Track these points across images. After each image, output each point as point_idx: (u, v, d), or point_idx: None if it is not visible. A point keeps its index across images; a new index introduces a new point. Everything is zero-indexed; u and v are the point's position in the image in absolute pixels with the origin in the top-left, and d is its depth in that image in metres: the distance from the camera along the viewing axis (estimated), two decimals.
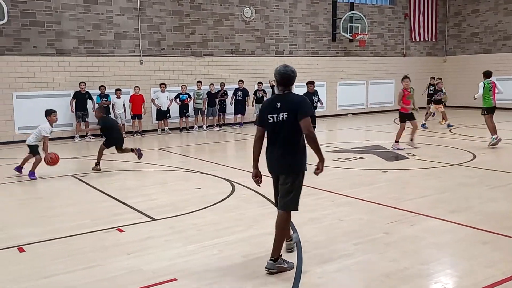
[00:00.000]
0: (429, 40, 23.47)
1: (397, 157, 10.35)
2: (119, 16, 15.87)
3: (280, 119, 4.41)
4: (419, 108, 12.30)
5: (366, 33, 20.25)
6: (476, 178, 8.19)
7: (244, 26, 18.33)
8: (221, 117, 17.65)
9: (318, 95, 13.49)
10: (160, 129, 16.35)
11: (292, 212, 4.64)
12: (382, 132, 15.50)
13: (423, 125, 15.23)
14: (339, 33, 20.10)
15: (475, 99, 12.28)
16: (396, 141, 11.34)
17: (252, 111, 17.99)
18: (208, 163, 10.39)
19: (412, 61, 22.89)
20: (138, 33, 16.19)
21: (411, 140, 11.44)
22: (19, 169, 9.35)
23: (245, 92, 17.64)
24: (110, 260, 4.87)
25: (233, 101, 17.63)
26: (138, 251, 5.09)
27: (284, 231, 4.61)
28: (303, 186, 4.71)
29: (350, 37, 20.10)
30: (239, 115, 17.78)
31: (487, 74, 11.96)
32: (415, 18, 22.77)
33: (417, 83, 20.46)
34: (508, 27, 21.49)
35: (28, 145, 9.24)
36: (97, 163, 9.76)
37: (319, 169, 4.56)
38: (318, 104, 13.46)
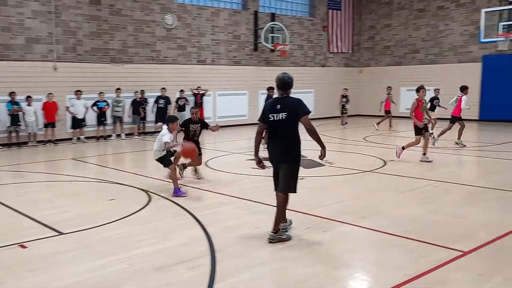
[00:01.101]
0: (346, 52, 24.55)
1: (314, 165, 10.61)
2: (31, 20, 14.98)
3: (280, 118, 5.31)
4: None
5: (287, 43, 20.75)
6: (386, 184, 8.61)
7: (166, 33, 18.06)
8: (141, 125, 17.21)
9: None
10: (76, 138, 15.60)
11: (210, 221, 5.49)
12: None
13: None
14: (261, 43, 20.42)
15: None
16: (424, 153, 10.77)
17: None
18: (125, 173, 10.05)
19: (330, 71, 23.79)
20: (52, 38, 15.38)
21: (424, 154, 10.81)
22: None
23: (167, 100, 17.36)
24: (10, 279, 4.51)
25: (154, 109, 17.28)
26: (42, 268, 4.77)
27: (284, 210, 5.45)
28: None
29: (272, 47, 20.48)
30: (160, 123, 17.41)
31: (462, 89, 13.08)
32: (333, 30, 23.72)
33: (336, 93, 21.41)
34: (416, 41, 23.01)
35: (157, 160, 8.07)
36: None
37: (322, 155, 5.47)
38: None
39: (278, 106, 5.35)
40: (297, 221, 6.25)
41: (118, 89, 16.29)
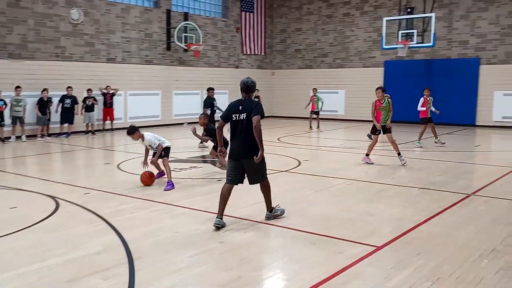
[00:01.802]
0: (259, 54, 24.93)
1: None
2: None
3: (241, 118, 5.93)
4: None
5: (200, 43, 20.58)
6: (302, 183, 8.83)
7: (72, 28, 17.07)
8: (45, 126, 16.09)
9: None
10: None
11: (126, 227, 5.65)
12: None
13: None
14: (174, 42, 20.06)
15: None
16: (399, 154, 10.65)
17: (81, 120, 16.81)
18: (28, 178, 9.30)
19: (244, 73, 23.95)
20: None
21: (367, 155, 10.85)
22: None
23: (74, 100, 16.41)
24: None
25: (60, 109, 16.25)
26: None
27: (268, 193, 6.32)
28: None
29: (185, 47, 20.20)
30: (66, 124, 16.42)
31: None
32: (246, 32, 23.97)
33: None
34: (325, 46, 23.99)
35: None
36: None
37: (258, 157, 5.92)
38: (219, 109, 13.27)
39: (240, 107, 5.97)
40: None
41: (18, 87, 15.10)
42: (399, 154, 10.65)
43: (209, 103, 13.95)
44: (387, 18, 20.27)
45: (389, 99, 10.90)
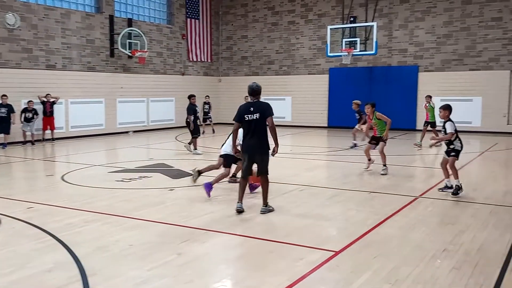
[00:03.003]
0: (205, 61, 24.79)
1: (182, 175, 10.41)
2: None
3: (254, 118, 6.82)
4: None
5: (145, 50, 20.18)
6: (257, 190, 8.77)
7: (7, 34, 16.20)
8: None
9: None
10: None
11: (76, 242, 5.55)
12: (165, 150, 15.54)
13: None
14: (118, 48, 19.52)
15: None
16: (384, 164, 10.49)
17: (18, 129, 15.92)
18: None
19: (190, 80, 23.76)
20: None
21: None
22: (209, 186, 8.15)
23: (10, 109, 15.54)
24: None
25: None
26: None
27: (267, 187, 7.02)
28: None
29: (129, 54, 19.72)
30: (2, 135, 15.52)
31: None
32: (192, 39, 23.77)
33: (198, 101, 21.12)
34: (271, 53, 24.24)
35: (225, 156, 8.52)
36: None
37: (275, 151, 6.89)
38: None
39: (252, 109, 6.82)
40: (174, 235, 6.03)
41: None
42: (384, 165, 10.48)
43: (192, 109, 14.01)
44: (331, 26, 20.80)
45: (377, 113, 10.65)
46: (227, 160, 8.53)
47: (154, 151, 15.26)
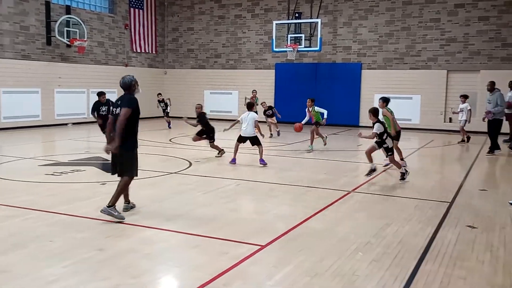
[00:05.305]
0: (150, 52, 24.26)
1: None
2: None
3: (117, 112, 6.27)
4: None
5: (85, 39, 19.46)
6: (191, 185, 8.67)
7: None
8: None
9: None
10: None
11: None
12: (105, 143, 15.03)
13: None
14: (55, 36, 18.71)
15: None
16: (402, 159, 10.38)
17: None
18: None
19: (134, 71, 23.13)
20: None
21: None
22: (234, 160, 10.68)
23: None
24: None
25: None
26: None
27: (121, 189, 6.49)
28: None
29: (68, 42, 18.94)
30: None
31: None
32: (135, 29, 23.16)
33: (143, 94, 20.60)
34: (218, 46, 24.05)
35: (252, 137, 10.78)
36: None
37: (108, 148, 6.38)
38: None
39: (119, 102, 6.37)
40: (100, 230, 5.84)
41: None
42: (402, 159, 10.34)
43: (96, 108, 13.52)
44: (276, 21, 20.88)
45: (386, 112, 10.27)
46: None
47: (93, 144, 14.75)
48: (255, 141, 10.99)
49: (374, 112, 9.18)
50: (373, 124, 9.12)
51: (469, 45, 19.57)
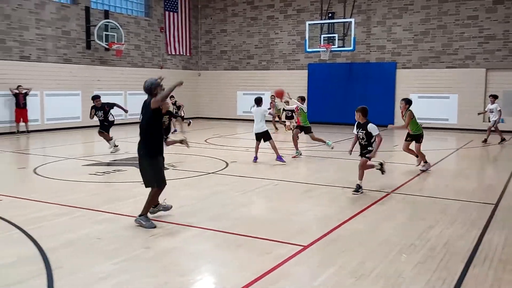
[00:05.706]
0: (184, 54, 24.60)
1: None
2: None
3: (140, 118, 6.35)
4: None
5: (123, 43, 19.92)
6: (229, 185, 8.79)
7: None
8: None
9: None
10: None
11: (43, 235, 5.51)
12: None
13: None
14: (94, 40, 19.24)
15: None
16: (425, 161, 10.37)
17: None
18: None
19: (169, 73, 23.51)
20: None
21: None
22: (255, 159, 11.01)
23: None
24: None
25: None
26: None
27: (151, 198, 6.21)
28: None
29: (106, 46, 19.45)
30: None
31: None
32: (170, 32, 23.55)
33: (179, 97, 20.79)
34: (250, 48, 24.17)
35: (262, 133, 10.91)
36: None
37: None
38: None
39: (143, 111, 6.23)
40: (141, 228, 5.99)
41: None
42: (425, 161, 10.39)
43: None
44: (309, 22, 20.84)
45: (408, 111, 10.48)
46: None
47: (132, 145, 15.05)
48: (266, 137, 10.96)
49: (363, 111, 8.25)
50: (364, 124, 8.21)
51: (509, 42, 19.03)
